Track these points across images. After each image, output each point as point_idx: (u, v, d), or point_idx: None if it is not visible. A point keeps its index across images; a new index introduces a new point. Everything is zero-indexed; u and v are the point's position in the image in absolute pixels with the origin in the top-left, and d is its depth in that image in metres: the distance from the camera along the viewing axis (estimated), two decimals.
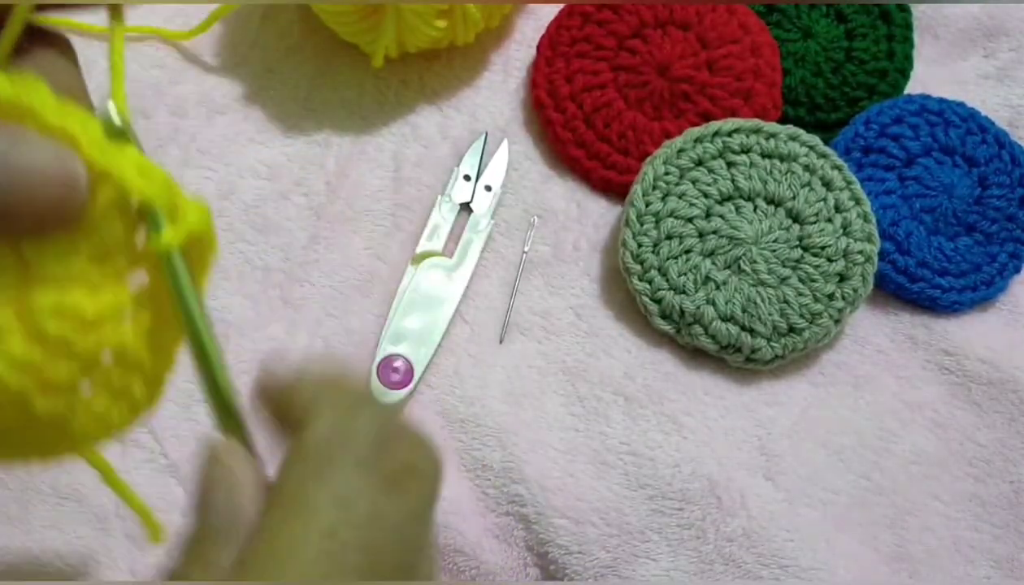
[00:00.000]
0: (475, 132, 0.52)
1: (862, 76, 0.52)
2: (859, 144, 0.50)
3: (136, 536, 0.42)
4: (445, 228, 0.49)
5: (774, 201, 0.47)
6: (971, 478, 0.46)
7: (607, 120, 0.51)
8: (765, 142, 0.48)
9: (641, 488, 0.44)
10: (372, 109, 0.52)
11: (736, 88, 0.50)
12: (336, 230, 0.49)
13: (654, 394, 0.46)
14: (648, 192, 0.47)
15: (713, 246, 0.47)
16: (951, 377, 0.48)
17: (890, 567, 0.44)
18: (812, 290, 0.46)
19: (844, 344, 0.49)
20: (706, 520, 0.44)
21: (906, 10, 0.53)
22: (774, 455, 0.46)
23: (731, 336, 0.46)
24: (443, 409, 0.45)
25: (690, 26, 0.51)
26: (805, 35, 0.52)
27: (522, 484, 0.43)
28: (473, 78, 0.54)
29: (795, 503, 0.45)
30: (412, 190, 0.50)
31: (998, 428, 0.47)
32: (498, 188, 0.50)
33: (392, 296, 0.47)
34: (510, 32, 0.55)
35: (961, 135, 0.50)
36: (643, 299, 0.47)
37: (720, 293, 0.46)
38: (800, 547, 0.43)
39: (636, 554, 0.43)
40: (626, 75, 0.51)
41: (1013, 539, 0.45)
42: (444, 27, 0.49)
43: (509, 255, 0.49)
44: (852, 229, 0.47)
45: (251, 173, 0.50)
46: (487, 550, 0.43)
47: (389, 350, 0.46)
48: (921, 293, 0.49)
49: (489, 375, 0.46)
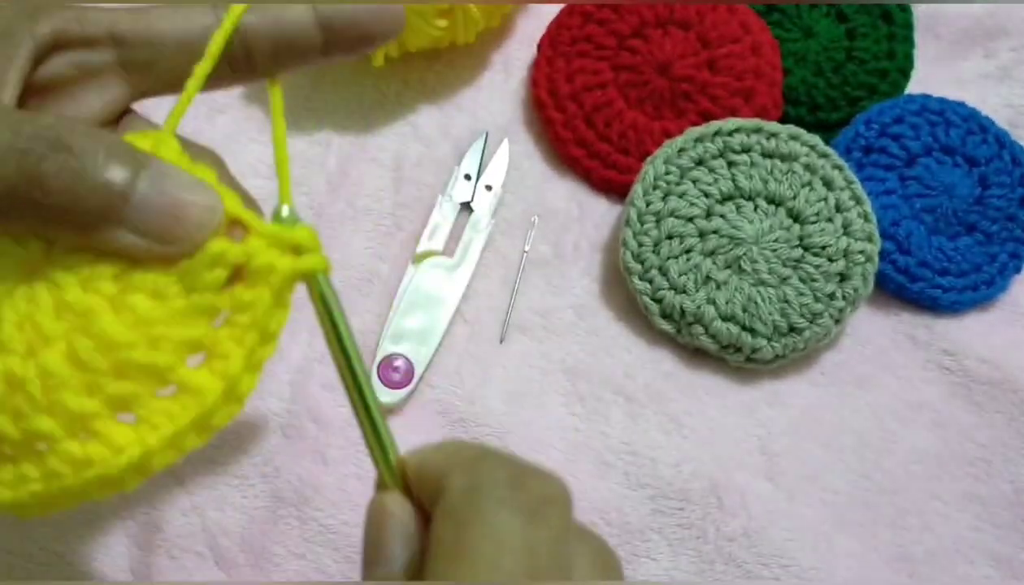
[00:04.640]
0: (476, 132, 0.52)
1: (863, 76, 0.52)
2: (860, 144, 0.50)
3: (136, 536, 0.42)
4: (446, 228, 0.49)
5: (775, 201, 0.47)
6: (971, 478, 0.46)
7: (608, 119, 0.50)
8: (766, 142, 0.48)
9: (641, 488, 0.44)
10: (373, 108, 0.52)
11: (737, 87, 0.50)
12: (337, 229, 0.49)
13: (654, 394, 0.46)
14: (649, 191, 0.47)
15: (714, 246, 0.47)
16: (951, 377, 0.48)
17: (890, 567, 0.44)
18: (813, 290, 0.46)
19: (844, 344, 0.49)
20: (706, 520, 0.44)
21: (907, 10, 0.53)
22: (774, 455, 0.46)
23: (731, 336, 0.46)
24: (443, 409, 0.45)
25: (691, 25, 0.51)
26: (806, 34, 0.52)
27: None
28: (474, 78, 0.54)
29: (795, 503, 0.45)
30: (413, 189, 0.50)
31: (998, 428, 0.47)
32: (499, 188, 0.50)
33: (392, 295, 0.47)
34: (511, 31, 0.55)
35: (962, 135, 0.50)
36: (643, 299, 0.47)
37: (721, 293, 0.46)
38: (800, 547, 0.43)
39: (636, 554, 0.43)
40: (627, 74, 0.51)
41: (1013, 539, 0.45)
42: (445, 26, 0.49)
43: (509, 255, 0.49)
44: (853, 229, 0.47)
45: (252, 172, 0.50)
46: None
47: (389, 349, 0.46)
48: (921, 293, 0.49)
49: (489, 375, 0.46)
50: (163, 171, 0.26)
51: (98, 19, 0.30)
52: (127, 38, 0.30)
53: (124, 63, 0.30)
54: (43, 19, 0.29)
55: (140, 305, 0.26)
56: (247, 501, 0.43)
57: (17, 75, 0.28)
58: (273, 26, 0.30)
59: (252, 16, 0.30)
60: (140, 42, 0.30)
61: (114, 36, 0.30)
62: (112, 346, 0.25)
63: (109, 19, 0.30)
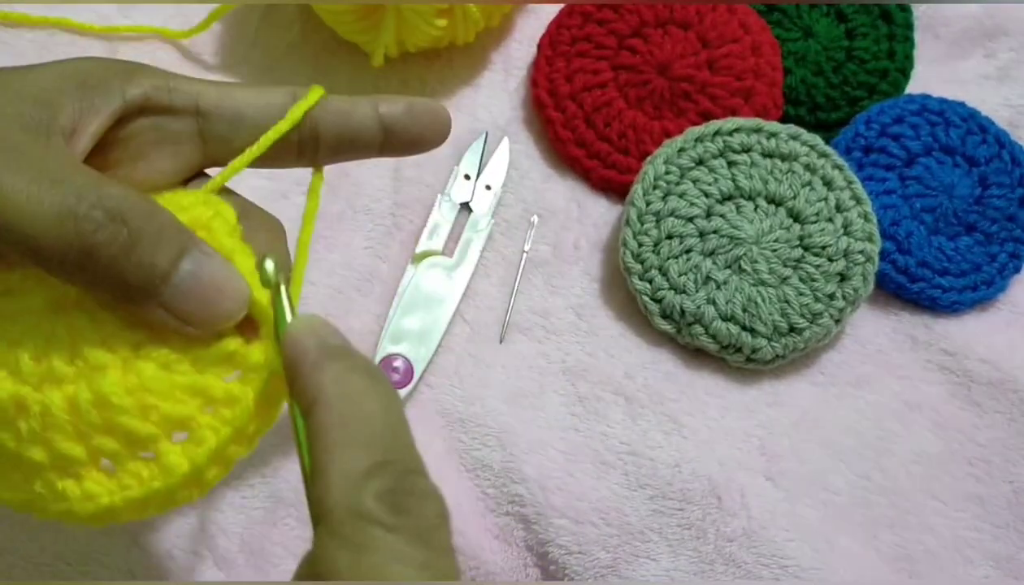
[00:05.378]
0: (475, 131, 0.51)
1: (863, 75, 0.52)
2: (860, 143, 0.50)
3: (136, 536, 0.42)
4: (445, 227, 0.49)
5: (775, 200, 0.47)
6: (971, 478, 0.46)
7: (607, 119, 0.50)
8: (766, 141, 0.48)
9: (641, 488, 0.44)
10: None
11: (737, 87, 0.50)
12: (336, 229, 0.49)
13: (654, 394, 0.46)
14: (649, 191, 0.47)
15: (714, 246, 0.46)
16: (951, 377, 0.48)
17: (890, 567, 0.44)
18: (813, 290, 0.46)
19: (844, 344, 0.49)
20: (706, 520, 0.44)
21: (907, 10, 0.53)
22: (774, 455, 0.46)
23: (731, 336, 0.46)
24: (443, 409, 0.45)
25: (691, 25, 0.51)
26: (806, 34, 0.52)
27: (522, 484, 0.43)
28: (473, 77, 0.54)
29: (795, 503, 0.45)
30: (412, 189, 0.50)
31: (998, 428, 0.47)
32: (498, 187, 0.50)
33: (392, 295, 0.47)
34: (510, 31, 0.55)
35: (961, 135, 0.50)
36: (643, 299, 0.47)
37: (721, 293, 0.46)
38: (800, 547, 0.43)
39: (636, 554, 0.43)
40: (626, 74, 0.51)
41: (1013, 539, 0.45)
42: (444, 26, 0.49)
43: (509, 255, 0.49)
44: (853, 229, 0.47)
45: (251, 172, 0.49)
46: (487, 550, 0.43)
47: (389, 349, 0.46)
48: (921, 293, 0.49)
49: (489, 375, 0.46)
50: (203, 260, 0.28)
51: (186, 90, 0.32)
52: (210, 112, 0.32)
53: (203, 133, 0.32)
54: (136, 82, 0.31)
55: (146, 372, 0.28)
56: (246, 501, 0.43)
57: (98, 128, 0.30)
58: (342, 117, 0.33)
59: (323, 110, 0.33)
60: (221, 117, 0.32)
61: (199, 109, 0.32)
62: (107, 405, 0.27)
63: (195, 91, 0.32)
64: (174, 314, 0.28)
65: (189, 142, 0.32)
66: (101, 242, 0.26)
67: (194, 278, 0.27)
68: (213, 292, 0.28)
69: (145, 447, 0.28)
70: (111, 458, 0.28)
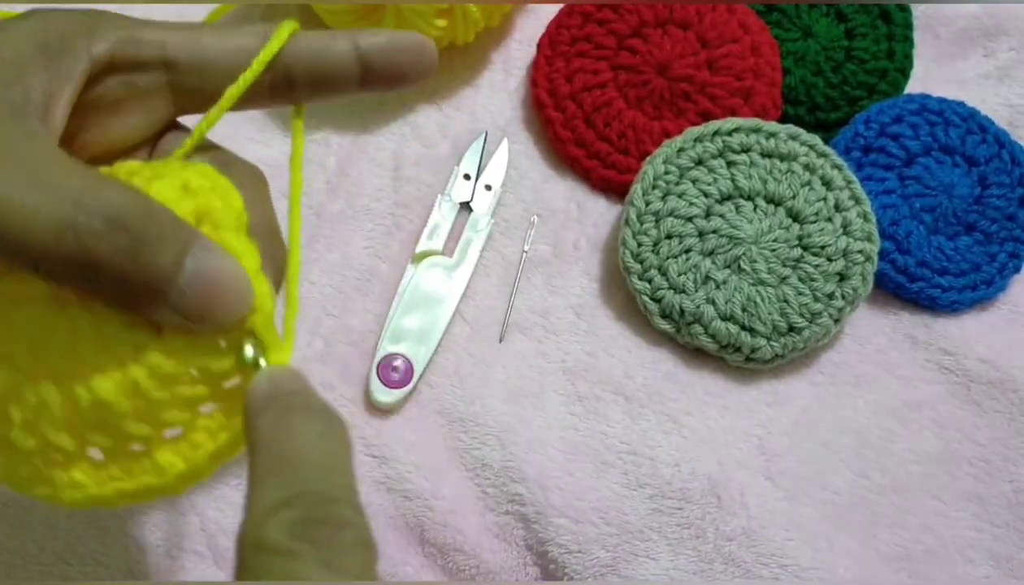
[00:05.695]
0: (475, 131, 0.52)
1: (862, 75, 0.52)
2: (859, 143, 0.50)
3: (136, 536, 0.42)
4: (445, 227, 0.49)
5: (774, 200, 0.47)
6: (971, 478, 0.46)
7: (607, 119, 0.51)
8: (765, 141, 0.48)
9: (641, 487, 0.44)
10: (372, 108, 0.52)
11: (736, 87, 0.50)
12: (336, 229, 0.49)
13: (654, 393, 0.46)
14: (648, 191, 0.47)
15: (713, 245, 0.47)
16: (951, 377, 0.48)
17: (890, 566, 0.44)
18: (812, 289, 0.46)
19: (844, 343, 0.49)
20: (706, 519, 0.44)
21: (906, 9, 0.53)
22: (774, 455, 0.46)
23: (731, 335, 0.46)
24: (443, 408, 0.45)
25: (690, 25, 0.51)
26: (805, 34, 0.52)
27: (522, 483, 0.43)
28: (473, 77, 0.54)
29: (795, 502, 0.45)
30: (412, 189, 0.50)
31: (998, 428, 0.47)
32: (498, 187, 0.50)
33: (392, 295, 0.47)
34: (510, 31, 0.55)
35: (961, 134, 0.50)
36: (643, 298, 0.47)
37: (720, 292, 0.46)
38: (800, 547, 0.43)
39: (636, 553, 0.43)
40: (626, 74, 0.51)
41: (1013, 539, 0.45)
42: (444, 26, 0.49)
43: (509, 254, 0.49)
44: (852, 228, 0.47)
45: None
46: (487, 549, 0.43)
47: (389, 349, 0.46)
48: (921, 292, 0.49)
49: (489, 374, 0.46)
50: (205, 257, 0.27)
51: (152, 40, 0.31)
52: (179, 63, 0.31)
53: (173, 85, 0.31)
54: (101, 36, 0.30)
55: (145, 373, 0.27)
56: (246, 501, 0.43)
57: (71, 96, 0.29)
58: (316, 56, 0.31)
59: (297, 45, 0.31)
60: (190, 68, 0.31)
61: (166, 61, 0.31)
62: (102, 404, 0.27)
63: (161, 40, 0.31)
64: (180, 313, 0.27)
65: (159, 95, 0.31)
66: (103, 252, 0.26)
67: (197, 276, 0.27)
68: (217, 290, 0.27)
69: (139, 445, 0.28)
70: (103, 452, 0.28)
